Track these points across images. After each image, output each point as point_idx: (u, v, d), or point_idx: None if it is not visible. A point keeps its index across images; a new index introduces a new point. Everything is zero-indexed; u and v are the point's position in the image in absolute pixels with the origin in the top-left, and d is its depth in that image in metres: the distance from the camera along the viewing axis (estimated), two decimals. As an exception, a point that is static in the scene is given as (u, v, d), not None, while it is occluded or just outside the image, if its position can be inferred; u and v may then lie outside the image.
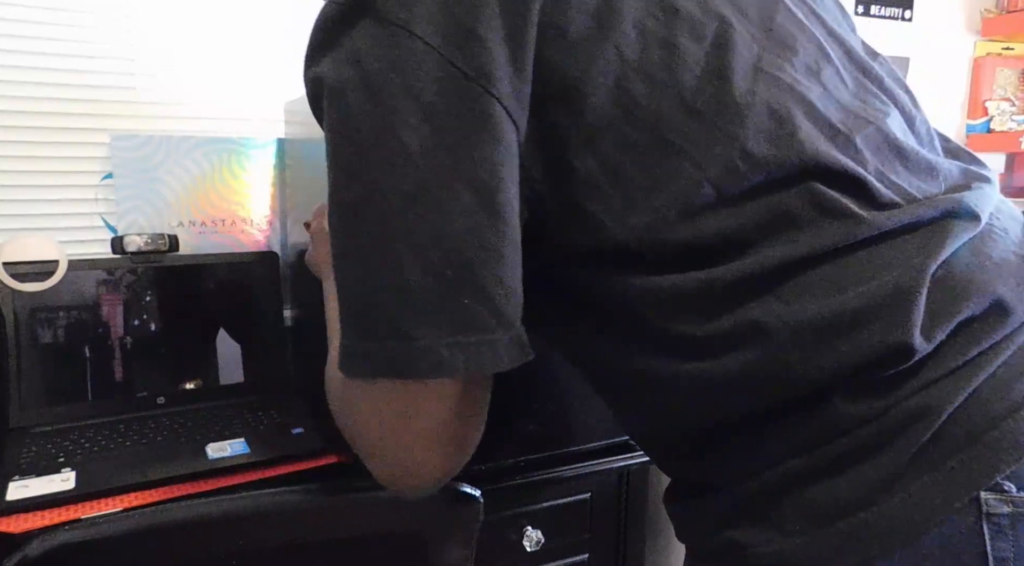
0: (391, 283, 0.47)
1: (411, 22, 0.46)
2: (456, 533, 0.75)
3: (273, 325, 1.29)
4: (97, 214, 1.25)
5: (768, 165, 0.50)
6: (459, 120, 0.46)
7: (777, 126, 0.50)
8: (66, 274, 1.13)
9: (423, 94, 0.46)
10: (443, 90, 0.46)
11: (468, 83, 0.46)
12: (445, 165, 0.46)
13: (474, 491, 0.75)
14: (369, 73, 0.46)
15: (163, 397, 1.19)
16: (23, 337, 1.12)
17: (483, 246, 0.47)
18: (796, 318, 0.49)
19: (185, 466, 0.98)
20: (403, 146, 0.46)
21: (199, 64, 1.30)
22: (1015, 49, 2.09)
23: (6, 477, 0.93)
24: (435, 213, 0.46)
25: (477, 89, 0.46)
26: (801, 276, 0.49)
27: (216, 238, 1.31)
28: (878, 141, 0.54)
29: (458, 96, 0.46)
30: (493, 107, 0.46)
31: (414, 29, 0.46)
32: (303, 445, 1.07)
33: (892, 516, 0.48)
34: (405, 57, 0.46)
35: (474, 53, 0.46)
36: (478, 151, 0.46)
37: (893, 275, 0.49)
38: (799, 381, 0.50)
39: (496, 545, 1.09)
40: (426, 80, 0.46)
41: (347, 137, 0.48)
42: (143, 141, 1.25)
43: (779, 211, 0.50)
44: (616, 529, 1.20)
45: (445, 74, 0.46)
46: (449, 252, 0.46)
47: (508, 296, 0.48)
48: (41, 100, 1.20)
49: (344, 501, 0.71)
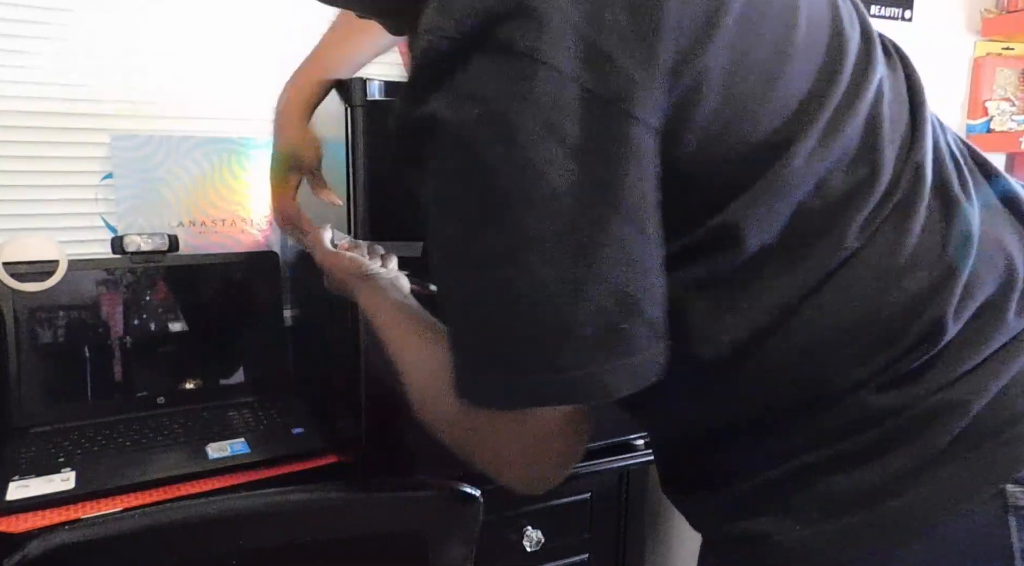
0: (547, 326, 0.45)
1: (539, 50, 0.43)
2: (456, 533, 0.75)
3: (273, 325, 1.29)
4: (97, 214, 1.25)
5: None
6: (604, 150, 0.44)
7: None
8: (66, 274, 1.13)
9: (562, 127, 0.43)
10: (583, 119, 0.43)
11: (608, 108, 0.44)
12: (595, 199, 0.44)
13: (474, 491, 0.75)
14: (497, 110, 0.43)
15: (163, 397, 1.19)
16: (23, 337, 1.12)
17: (640, 272, 0.46)
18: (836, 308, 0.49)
19: (185, 466, 0.98)
20: (548, 186, 0.43)
21: (199, 64, 1.30)
22: (1015, 49, 2.09)
23: (6, 477, 0.93)
24: (590, 249, 0.44)
25: (618, 113, 0.44)
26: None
27: (216, 238, 1.31)
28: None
29: (600, 124, 0.44)
30: (636, 127, 0.44)
31: (543, 57, 0.43)
32: (303, 445, 1.07)
33: (917, 505, 0.48)
34: (537, 89, 0.43)
35: (610, 75, 0.43)
36: (627, 179, 0.44)
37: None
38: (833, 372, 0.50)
39: (496, 545, 1.09)
40: (563, 111, 0.43)
41: (479, 182, 0.45)
42: (143, 141, 1.25)
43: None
44: (616, 529, 1.20)
45: (583, 102, 0.43)
46: (607, 285, 0.45)
47: (663, 312, 0.47)
48: (41, 100, 1.20)
49: (344, 501, 0.70)
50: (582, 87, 0.43)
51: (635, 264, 0.45)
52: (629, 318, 0.45)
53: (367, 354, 0.95)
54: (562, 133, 0.43)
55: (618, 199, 0.44)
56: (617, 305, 0.45)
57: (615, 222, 0.44)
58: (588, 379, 0.46)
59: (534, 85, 0.43)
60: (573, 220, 0.44)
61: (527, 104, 0.43)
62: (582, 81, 0.43)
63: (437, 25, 0.45)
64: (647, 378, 0.47)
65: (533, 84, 0.43)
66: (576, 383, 0.46)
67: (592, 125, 0.43)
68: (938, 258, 0.50)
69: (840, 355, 0.50)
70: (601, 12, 0.43)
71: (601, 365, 0.45)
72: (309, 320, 1.26)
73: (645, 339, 0.46)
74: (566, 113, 0.43)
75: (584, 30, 0.43)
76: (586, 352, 0.45)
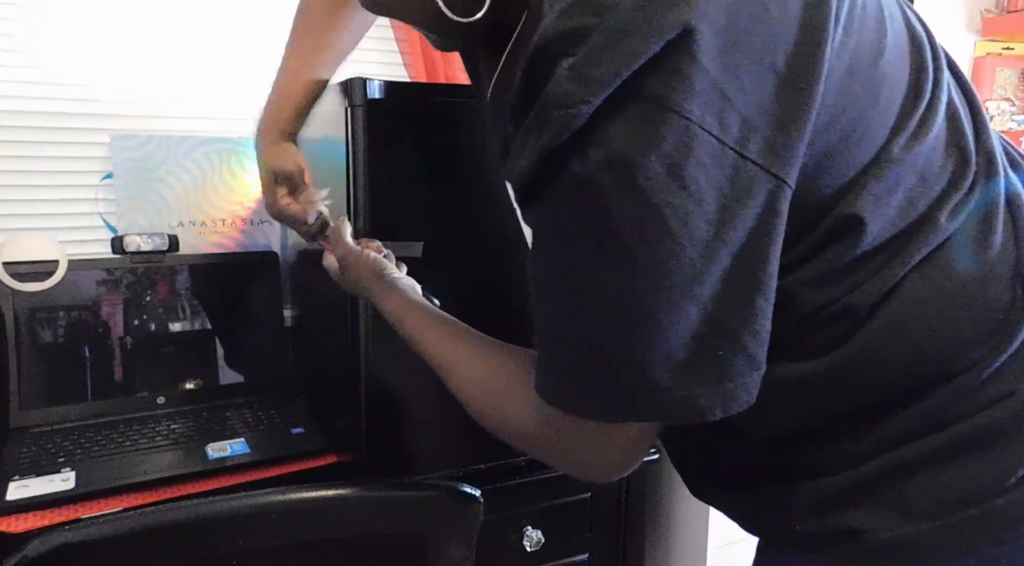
0: (647, 348, 0.46)
1: (672, 98, 0.42)
2: (456, 533, 0.75)
3: (273, 325, 1.29)
4: (97, 214, 1.25)
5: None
6: (735, 209, 0.44)
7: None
8: (66, 274, 1.13)
9: (697, 185, 0.43)
10: (721, 178, 0.44)
11: (746, 166, 0.44)
12: (722, 254, 0.45)
13: (474, 491, 0.75)
14: (631, 163, 0.43)
15: (163, 397, 1.19)
16: (23, 337, 1.12)
17: (746, 311, 0.47)
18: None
19: (185, 466, 0.98)
20: (674, 241, 0.44)
21: (199, 64, 1.30)
22: (1015, 49, 2.09)
23: (6, 477, 0.93)
24: (700, 290, 0.45)
25: (758, 172, 0.44)
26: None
27: (216, 238, 1.31)
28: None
29: (738, 184, 0.44)
30: (770, 185, 0.45)
31: (675, 106, 0.42)
32: (303, 445, 1.07)
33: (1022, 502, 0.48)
34: (675, 143, 0.42)
35: (751, 134, 0.44)
36: (757, 238, 0.45)
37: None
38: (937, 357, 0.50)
39: (496, 545, 1.09)
40: (699, 168, 0.43)
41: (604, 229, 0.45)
42: (143, 141, 1.25)
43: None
44: (616, 529, 1.20)
45: (721, 160, 0.43)
46: (711, 317, 0.46)
47: (764, 342, 0.48)
48: (41, 100, 1.20)
49: (344, 501, 0.70)
50: (723, 144, 0.43)
51: (745, 308, 0.47)
52: (726, 346, 0.47)
53: (367, 354, 0.95)
54: (694, 191, 0.43)
55: (744, 255, 0.46)
56: (716, 334, 0.46)
57: (735, 273, 0.46)
58: (682, 400, 0.47)
59: (673, 139, 0.42)
60: (694, 272, 0.45)
61: (660, 158, 0.43)
62: (724, 138, 0.43)
63: (575, 96, 0.43)
64: (740, 404, 0.48)
65: (671, 138, 0.42)
66: (670, 403, 0.47)
67: (728, 184, 0.44)
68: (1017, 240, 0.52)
69: (943, 339, 0.50)
70: (742, 74, 0.43)
71: (697, 388, 0.47)
72: (309, 320, 1.26)
73: (742, 367, 0.47)
74: (701, 170, 0.43)
75: (724, 84, 0.43)
76: (683, 375, 0.47)
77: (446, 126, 0.95)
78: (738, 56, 0.43)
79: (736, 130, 0.44)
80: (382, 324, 0.94)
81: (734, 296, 0.46)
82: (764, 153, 0.44)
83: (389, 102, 0.90)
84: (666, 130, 0.42)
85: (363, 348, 0.95)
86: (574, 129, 0.44)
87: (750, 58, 0.44)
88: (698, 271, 0.45)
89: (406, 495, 0.74)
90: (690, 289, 0.45)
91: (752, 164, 0.44)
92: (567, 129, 0.44)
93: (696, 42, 0.42)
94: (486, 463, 1.05)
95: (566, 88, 0.43)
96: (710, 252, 0.45)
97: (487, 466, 1.05)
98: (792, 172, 0.46)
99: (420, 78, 1.40)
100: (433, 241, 0.94)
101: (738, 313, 0.47)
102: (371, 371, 0.96)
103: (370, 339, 0.95)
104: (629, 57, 0.42)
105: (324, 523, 0.71)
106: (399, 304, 0.75)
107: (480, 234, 0.99)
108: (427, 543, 0.75)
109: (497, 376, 0.64)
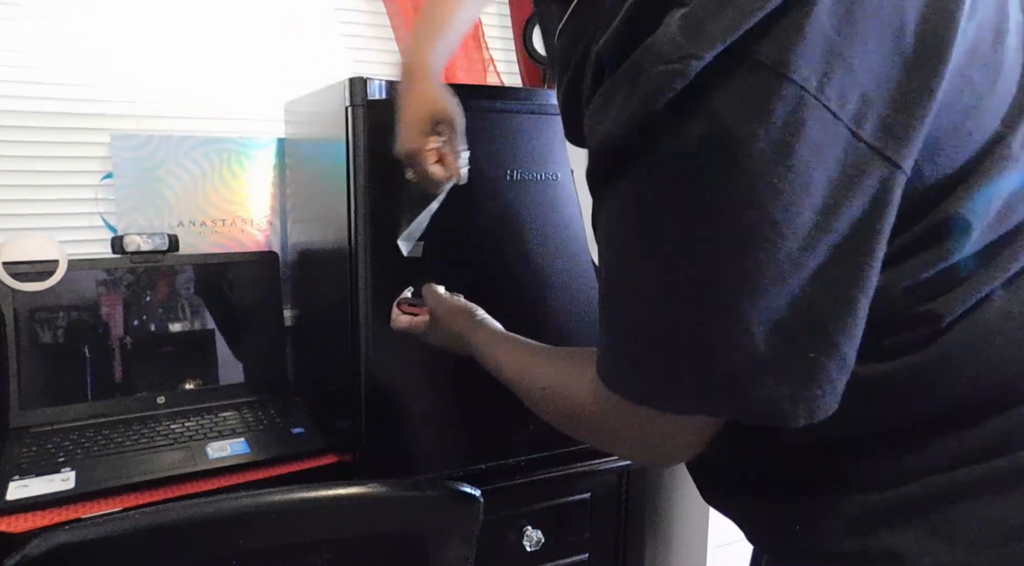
0: (735, 344, 0.43)
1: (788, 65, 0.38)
2: (456, 533, 0.75)
3: (273, 325, 1.29)
4: (97, 214, 1.25)
5: None
6: (843, 195, 0.40)
7: None
8: (66, 274, 1.13)
9: (805, 166, 0.39)
10: (831, 159, 0.39)
11: (859, 147, 0.39)
12: (823, 245, 0.41)
13: (474, 491, 0.75)
14: (735, 137, 0.39)
15: (163, 397, 1.19)
16: (23, 337, 1.12)
17: (841, 307, 0.43)
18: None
19: (185, 466, 0.98)
20: (773, 228, 0.40)
21: (199, 64, 1.30)
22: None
23: (6, 477, 0.93)
24: (795, 283, 0.41)
25: (872, 156, 0.40)
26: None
27: (216, 238, 1.31)
28: None
29: (849, 167, 0.40)
30: (884, 171, 0.40)
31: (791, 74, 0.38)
32: (303, 445, 1.07)
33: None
34: (786, 116, 0.38)
35: (868, 111, 0.39)
36: (863, 228, 0.41)
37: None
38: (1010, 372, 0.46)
39: (496, 545, 1.09)
40: (809, 147, 0.39)
41: (695, 210, 0.42)
42: (143, 141, 1.25)
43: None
44: (616, 529, 1.20)
45: (834, 138, 0.39)
46: (804, 313, 0.42)
47: (856, 344, 0.44)
48: (41, 100, 1.20)
49: (344, 501, 0.70)
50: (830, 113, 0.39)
51: (844, 304, 0.43)
52: (818, 346, 0.43)
53: (367, 354, 0.95)
54: (792, 159, 0.39)
55: (849, 246, 0.41)
56: (808, 332, 0.43)
57: (834, 268, 0.42)
58: (762, 400, 0.44)
59: (774, 101, 0.38)
60: (791, 256, 0.41)
61: (768, 130, 0.39)
62: (831, 106, 0.39)
63: (682, 50, 0.39)
64: (826, 411, 0.44)
65: (773, 100, 0.38)
66: (748, 402, 0.44)
67: (838, 165, 0.40)
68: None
69: (1021, 361, 0.45)
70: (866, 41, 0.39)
71: (780, 389, 0.43)
72: (309, 320, 1.26)
73: (833, 370, 0.43)
74: (813, 148, 0.39)
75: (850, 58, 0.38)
76: (766, 373, 0.43)
77: (446, 126, 0.95)
78: (863, 22, 0.39)
79: (854, 106, 0.39)
80: (382, 324, 0.94)
81: (832, 292, 0.42)
82: (880, 134, 0.40)
83: (389, 102, 0.90)
84: (777, 101, 0.38)
85: (363, 348, 0.95)
86: (675, 91, 0.39)
87: (875, 24, 0.39)
88: (795, 262, 0.41)
89: (406, 495, 0.74)
90: (783, 281, 0.41)
91: (866, 146, 0.40)
92: (667, 90, 0.39)
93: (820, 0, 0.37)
94: (486, 463, 1.05)
95: (675, 39, 0.39)
96: (810, 242, 0.41)
97: (487, 466, 1.05)
98: (909, 158, 0.41)
99: (420, 78, 1.40)
100: (434, 241, 0.94)
101: (834, 311, 0.42)
102: (371, 371, 0.96)
103: (370, 339, 0.95)
104: (748, 11, 0.38)
105: (324, 523, 0.71)
106: (488, 339, 0.77)
107: (480, 234, 0.99)
108: (427, 543, 0.75)
109: (565, 359, 0.64)
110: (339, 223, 0.96)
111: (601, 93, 0.44)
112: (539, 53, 1.30)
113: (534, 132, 1.00)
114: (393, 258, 0.92)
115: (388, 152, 0.83)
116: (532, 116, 0.99)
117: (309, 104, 1.13)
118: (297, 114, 1.23)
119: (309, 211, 1.19)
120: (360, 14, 1.42)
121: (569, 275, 1.05)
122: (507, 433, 1.06)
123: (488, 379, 0.73)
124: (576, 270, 1.06)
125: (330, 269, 1.05)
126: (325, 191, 1.06)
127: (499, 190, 0.98)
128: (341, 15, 1.41)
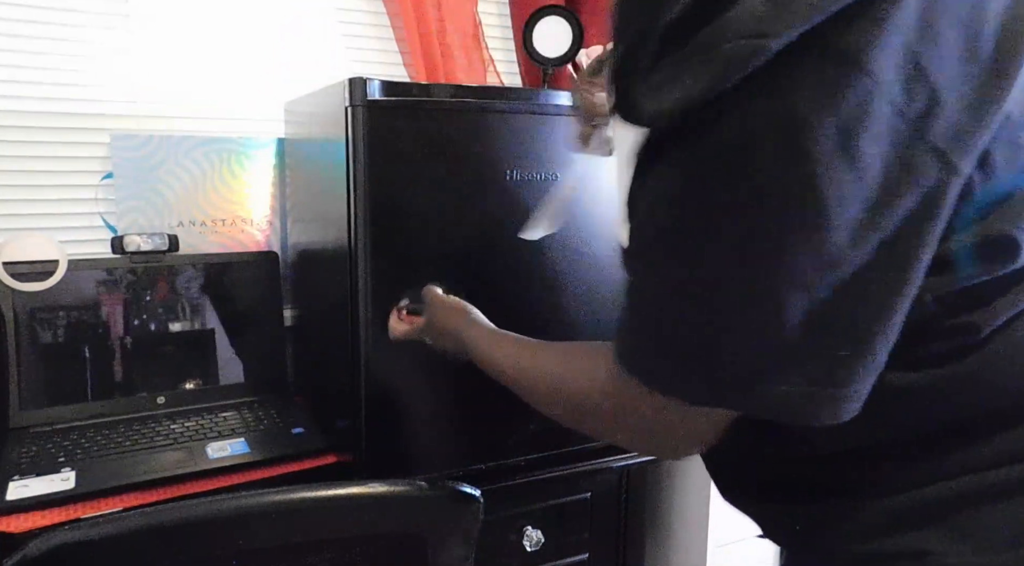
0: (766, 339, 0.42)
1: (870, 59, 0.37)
2: (456, 533, 0.75)
3: (273, 325, 1.29)
4: (97, 214, 1.25)
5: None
6: (897, 194, 0.39)
7: None
8: (66, 274, 1.13)
9: (865, 160, 0.38)
10: (892, 156, 0.39)
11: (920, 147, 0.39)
12: (870, 242, 0.40)
13: (474, 491, 0.75)
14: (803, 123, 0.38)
15: (163, 397, 1.19)
16: (23, 337, 1.12)
17: (883, 309, 0.42)
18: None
19: (185, 466, 0.98)
20: (825, 219, 0.39)
21: (199, 64, 1.30)
22: None
23: (6, 477, 0.93)
24: (835, 278, 0.41)
25: (931, 157, 0.39)
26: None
27: (216, 238, 1.31)
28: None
29: (907, 165, 0.39)
30: (942, 173, 0.39)
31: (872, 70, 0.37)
32: (303, 445, 1.07)
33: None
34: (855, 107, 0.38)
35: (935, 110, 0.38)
36: (913, 230, 0.40)
37: None
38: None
39: (496, 545, 1.09)
40: (872, 141, 0.38)
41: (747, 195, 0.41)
42: (143, 141, 1.25)
43: None
44: (616, 529, 1.20)
45: (896, 135, 0.38)
46: (841, 310, 0.41)
47: (890, 348, 0.43)
48: (41, 100, 1.20)
49: (344, 501, 0.70)
50: (897, 109, 0.38)
51: (885, 304, 0.42)
52: (852, 346, 0.42)
53: (367, 354, 0.95)
54: (854, 151, 0.38)
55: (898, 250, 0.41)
56: (843, 331, 0.42)
57: (881, 270, 0.41)
58: (784, 397, 0.43)
59: (846, 91, 0.38)
60: (838, 251, 0.40)
61: (835, 118, 0.38)
62: (897, 102, 0.38)
63: (764, 25, 0.38)
64: (850, 414, 0.43)
65: (845, 90, 0.38)
66: (769, 397, 0.43)
67: (897, 166, 0.39)
68: None
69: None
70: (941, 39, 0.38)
71: (806, 387, 0.42)
72: (309, 320, 1.26)
73: (864, 373, 0.42)
74: (875, 143, 0.38)
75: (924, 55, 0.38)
76: (792, 370, 0.42)
77: (446, 126, 0.95)
78: (942, 19, 0.38)
79: (921, 104, 0.38)
80: (382, 324, 0.94)
81: (873, 291, 0.41)
82: (943, 135, 0.39)
83: (389, 102, 0.90)
84: (849, 91, 0.37)
85: (363, 348, 0.95)
86: (751, 67, 0.38)
87: (953, 22, 0.38)
88: (839, 257, 0.40)
89: (406, 495, 0.74)
90: (825, 276, 0.40)
91: (927, 146, 0.39)
92: (743, 66, 0.38)
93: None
94: (486, 463, 1.05)
95: (758, 13, 0.38)
96: (859, 238, 0.40)
97: (487, 466, 1.05)
98: (968, 164, 0.40)
99: (420, 78, 1.40)
100: (433, 240, 0.94)
101: (873, 311, 0.41)
102: (371, 371, 0.96)
103: (370, 339, 0.95)
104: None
105: (324, 523, 0.71)
106: (484, 335, 0.79)
107: (480, 233, 0.99)
108: (427, 543, 0.75)
109: (571, 350, 0.64)
110: (339, 223, 0.96)
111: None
112: (539, 53, 1.30)
113: (534, 132, 1.00)
114: (393, 258, 0.92)
115: (388, 152, 0.83)
116: (532, 116, 0.99)
117: (309, 104, 1.13)
118: (297, 114, 1.23)
119: (309, 211, 1.19)
120: (360, 14, 1.42)
121: (569, 275, 1.06)
122: (507, 433, 1.06)
123: (488, 379, 0.73)
124: (576, 269, 1.06)
125: (330, 269, 1.05)
126: (325, 191, 1.06)
127: (499, 190, 0.98)
128: (341, 15, 1.41)
